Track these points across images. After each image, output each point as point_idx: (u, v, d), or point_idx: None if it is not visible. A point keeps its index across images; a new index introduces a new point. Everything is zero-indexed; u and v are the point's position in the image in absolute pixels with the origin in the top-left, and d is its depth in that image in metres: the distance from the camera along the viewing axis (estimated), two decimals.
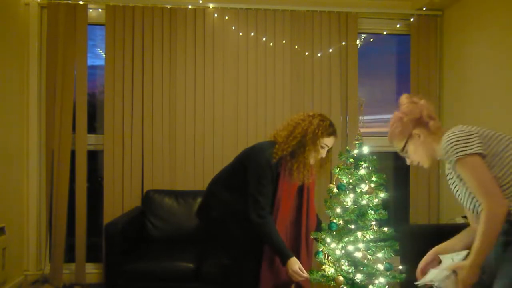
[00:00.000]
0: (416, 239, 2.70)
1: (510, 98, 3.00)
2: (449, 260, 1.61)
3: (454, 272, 1.53)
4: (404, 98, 1.79)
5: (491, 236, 1.47)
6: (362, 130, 2.56)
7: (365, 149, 2.43)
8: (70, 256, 3.65)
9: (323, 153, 2.33)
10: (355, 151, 2.42)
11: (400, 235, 2.48)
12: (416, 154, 1.75)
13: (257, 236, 2.27)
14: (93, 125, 3.91)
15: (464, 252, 1.60)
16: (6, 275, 3.19)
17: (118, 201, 3.60)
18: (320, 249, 2.42)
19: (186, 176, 3.67)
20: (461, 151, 1.54)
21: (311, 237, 2.41)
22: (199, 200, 3.51)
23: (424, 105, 1.73)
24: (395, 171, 4.26)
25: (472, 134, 1.58)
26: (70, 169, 3.53)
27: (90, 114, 3.72)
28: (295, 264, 2.22)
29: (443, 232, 1.92)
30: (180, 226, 3.45)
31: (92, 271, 3.66)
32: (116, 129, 3.60)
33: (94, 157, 3.87)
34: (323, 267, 2.39)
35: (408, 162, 1.82)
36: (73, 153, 3.55)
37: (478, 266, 1.49)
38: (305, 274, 2.22)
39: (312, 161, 2.31)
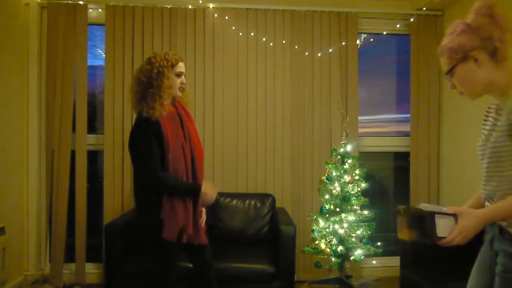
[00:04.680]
0: None
1: None
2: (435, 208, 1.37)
3: (454, 215, 1.32)
4: (481, 4, 1.36)
5: None
6: (361, 130, 2.84)
7: (349, 148, 3.29)
8: (70, 256, 3.65)
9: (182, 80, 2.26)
10: (341, 149, 3.26)
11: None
12: (465, 80, 1.39)
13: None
14: (93, 125, 3.91)
15: (447, 211, 1.35)
16: (6, 275, 3.19)
17: (118, 201, 3.60)
18: (313, 228, 3.24)
19: None
20: None
21: None
22: None
23: (501, 23, 1.34)
24: (395, 171, 4.26)
25: None
26: (70, 169, 3.53)
27: (90, 114, 3.72)
28: (206, 186, 2.22)
29: None
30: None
31: (92, 271, 3.67)
32: (116, 129, 3.60)
33: (94, 157, 3.87)
34: (316, 242, 3.18)
35: (449, 86, 1.48)
36: (73, 153, 3.55)
37: (485, 224, 1.30)
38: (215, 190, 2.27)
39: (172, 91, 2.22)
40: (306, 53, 3.76)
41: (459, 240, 1.28)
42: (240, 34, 3.71)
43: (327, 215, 3.18)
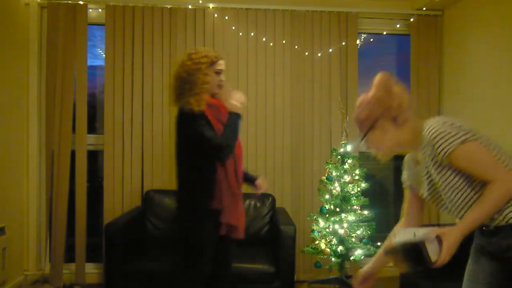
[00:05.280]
0: None
1: (510, 98, 3.00)
2: (410, 234, 1.46)
3: (437, 237, 1.41)
4: (378, 80, 1.60)
5: (494, 209, 1.42)
6: None
7: (349, 148, 3.29)
8: (70, 256, 3.65)
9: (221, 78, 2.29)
10: (341, 149, 3.28)
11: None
12: (376, 145, 1.62)
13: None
14: (93, 125, 3.91)
15: (426, 228, 1.47)
16: (6, 275, 3.19)
17: (118, 201, 3.60)
18: (313, 228, 3.25)
19: None
20: (458, 138, 1.43)
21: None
22: None
23: (397, 94, 1.56)
24: (395, 171, 4.26)
25: (457, 123, 1.49)
26: (70, 169, 3.53)
27: (90, 114, 3.72)
28: (232, 105, 2.26)
29: None
30: None
31: (92, 271, 3.66)
32: (116, 129, 3.60)
33: (94, 157, 3.87)
34: (316, 242, 3.20)
35: (364, 149, 1.69)
36: (73, 153, 3.55)
37: (465, 236, 1.41)
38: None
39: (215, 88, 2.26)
40: (306, 53, 3.76)
41: (448, 258, 1.40)
42: (240, 34, 3.71)
43: (327, 215, 3.18)
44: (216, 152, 2.15)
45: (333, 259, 3.19)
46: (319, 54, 3.76)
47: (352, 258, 3.17)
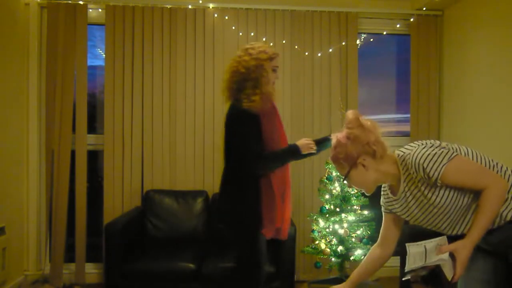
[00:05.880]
0: (415, 239, 2.74)
1: (510, 98, 3.00)
2: (420, 248, 1.52)
3: (450, 254, 1.47)
4: (350, 118, 1.63)
5: (496, 212, 1.47)
6: None
7: None
8: (70, 256, 3.65)
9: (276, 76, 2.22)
10: None
11: (400, 235, 2.55)
12: (359, 182, 1.65)
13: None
14: (93, 125, 3.91)
15: (435, 240, 1.52)
16: (6, 275, 3.19)
17: (118, 201, 3.60)
18: (313, 228, 3.26)
19: (186, 176, 3.67)
20: (444, 157, 1.49)
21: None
22: (199, 200, 3.54)
23: (371, 128, 1.60)
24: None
25: (435, 143, 1.55)
26: (70, 169, 3.53)
27: (90, 114, 3.72)
28: (301, 141, 2.20)
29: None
30: (180, 226, 3.45)
31: (92, 271, 3.67)
32: (116, 129, 3.60)
33: (94, 157, 3.87)
34: (316, 242, 3.21)
35: (348, 186, 1.74)
36: (73, 153, 3.55)
37: (473, 247, 1.47)
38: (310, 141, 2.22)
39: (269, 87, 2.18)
40: (306, 53, 3.76)
41: (463, 272, 1.47)
42: (240, 34, 3.71)
43: (327, 215, 3.18)
44: (247, 164, 2.06)
45: (333, 259, 3.19)
46: (319, 54, 3.76)
47: (352, 258, 3.17)
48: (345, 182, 1.70)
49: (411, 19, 3.82)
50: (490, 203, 1.45)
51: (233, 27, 3.71)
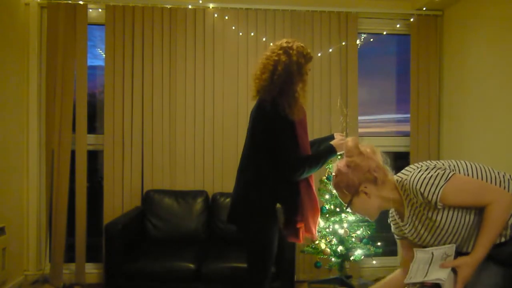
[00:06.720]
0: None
1: (510, 98, 3.00)
2: (428, 254, 1.54)
3: (453, 269, 1.48)
4: (350, 146, 1.64)
5: (500, 228, 1.46)
6: (361, 130, 2.86)
7: None
8: (70, 256, 3.65)
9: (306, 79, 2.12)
10: None
11: None
12: (362, 210, 1.65)
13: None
14: (93, 125, 3.91)
15: (443, 247, 1.54)
16: (6, 275, 3.19)
17: (118, 201, 3.60)
18: None
19: (186, 176, 3.67)
20: (441, 178, 1.49)
21: None
22: (199, 200, 3.54)
23: (371, 155, 1.61)
24: (395, 171, 4.25)
25: (431, 164, 1.55)
26: (70, 169, 3.53)
27: (90, 114, 3.72)
28: (336, 141, 2.14)
29: None
30: (180, 226, 3.45)
31: (92, 271, 3.66)
32: (116, 129, 3.60)
33: (94, 157, 3.87)
34: (316, 242, 3.20)
35: (352, 212, 1.73)
36: (73, 153, 3.55)
37: (477, 265, 1.46)
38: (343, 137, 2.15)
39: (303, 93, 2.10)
40: None
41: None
42: (240, 34, 3.71)
43: (327, 215, 3.19)
44: (287, 167, 1.99)
45: (333, 259, 3.20)
46: (319, 54, 3.76)
47: (352, 258, 3.18)
48: (348, 210, 1.69)
49: (411, 19, 3.82)
50: (493, 219, 1.44)
51: (233, 27, 3.71)
